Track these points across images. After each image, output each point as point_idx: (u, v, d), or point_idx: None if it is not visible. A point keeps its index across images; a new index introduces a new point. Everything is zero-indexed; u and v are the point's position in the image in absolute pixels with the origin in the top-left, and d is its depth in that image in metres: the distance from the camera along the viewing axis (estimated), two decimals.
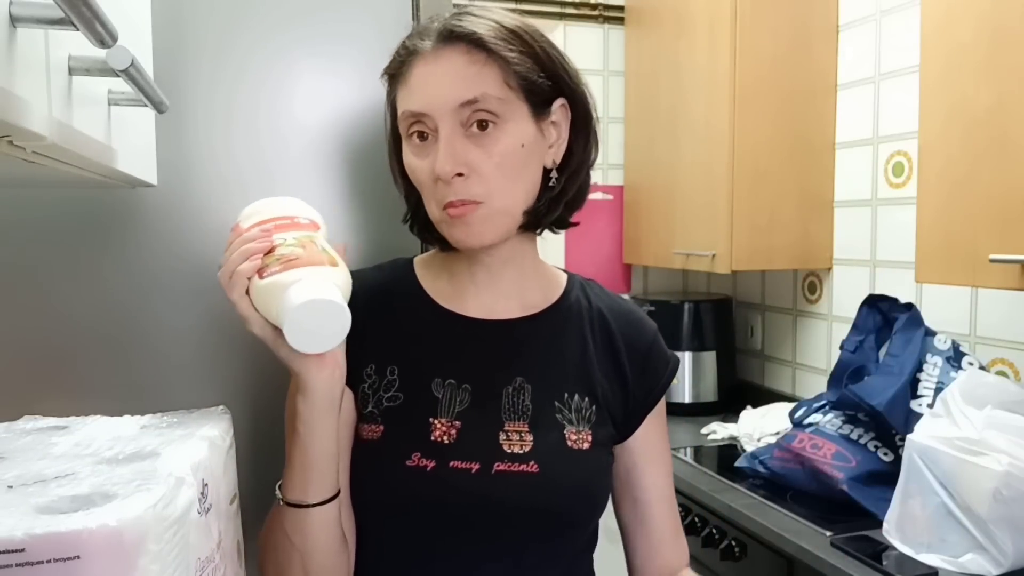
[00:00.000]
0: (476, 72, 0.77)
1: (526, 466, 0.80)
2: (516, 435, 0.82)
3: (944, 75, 1.42)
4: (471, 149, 0.77)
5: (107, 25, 0.39)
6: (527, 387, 0.84)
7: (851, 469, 1.61)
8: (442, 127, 0.77)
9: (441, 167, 0.76)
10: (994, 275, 1.32)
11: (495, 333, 0.86)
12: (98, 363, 0.92)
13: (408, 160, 0.82)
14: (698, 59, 2.22)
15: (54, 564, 0.45)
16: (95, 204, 0.91)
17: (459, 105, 0.77)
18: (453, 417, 0.81)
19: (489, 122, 0.77)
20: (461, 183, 0.77)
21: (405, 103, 0.80)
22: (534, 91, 0.80)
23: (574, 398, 0.86)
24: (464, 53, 0.77)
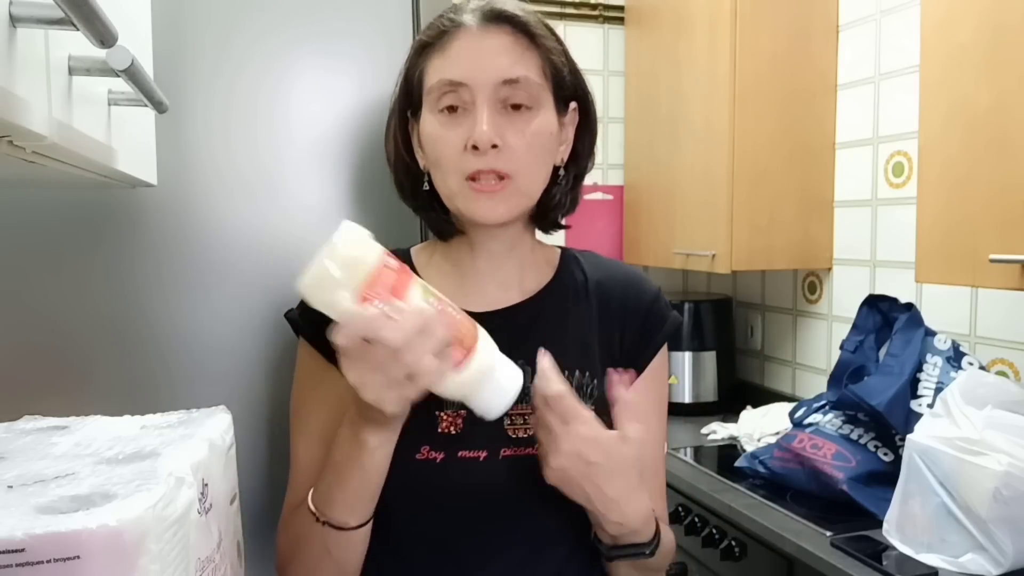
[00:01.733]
0: (520, 53, 0.79)
1: (531, 449, 0.80)
2: (520, 419, 0.82)
3: (944, 75, 1.42)
4: (508, 124, 0.79)
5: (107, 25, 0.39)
6: (528, 369, 0.82)
7: (851, 469, 1.61)
8: (481, 99, 0.78)
9: (482, 134, 0.77)
10: (994, 275, 1.32)
11: (496, 323, 0.84)
12: (98, 363, 0.92)
13: (432, 130, 0.81)
14: (698, 59, 2.22)
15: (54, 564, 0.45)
16: (95, 204, 0.91)
17: (503, 81, 0.78)
18: (458, 407, 0.81)
19: (523, 105, 0.79)
20: (495, 155, 0.78)
21: (443, 72, 0.80)
22: (561, 86, 0.83)
23: (575, 375, 0.85)
24: (510, 34, 0.80)
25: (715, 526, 1.75)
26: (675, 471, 1.91)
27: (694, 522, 1.81)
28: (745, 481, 1.79)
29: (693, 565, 1.85)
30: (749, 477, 1.81)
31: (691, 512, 1.83)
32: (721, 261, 2.14)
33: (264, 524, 0.98)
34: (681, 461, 1.99)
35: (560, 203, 0.88)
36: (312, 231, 1.00)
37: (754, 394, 2.46)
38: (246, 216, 0.97)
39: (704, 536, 1.77)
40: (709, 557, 1.76)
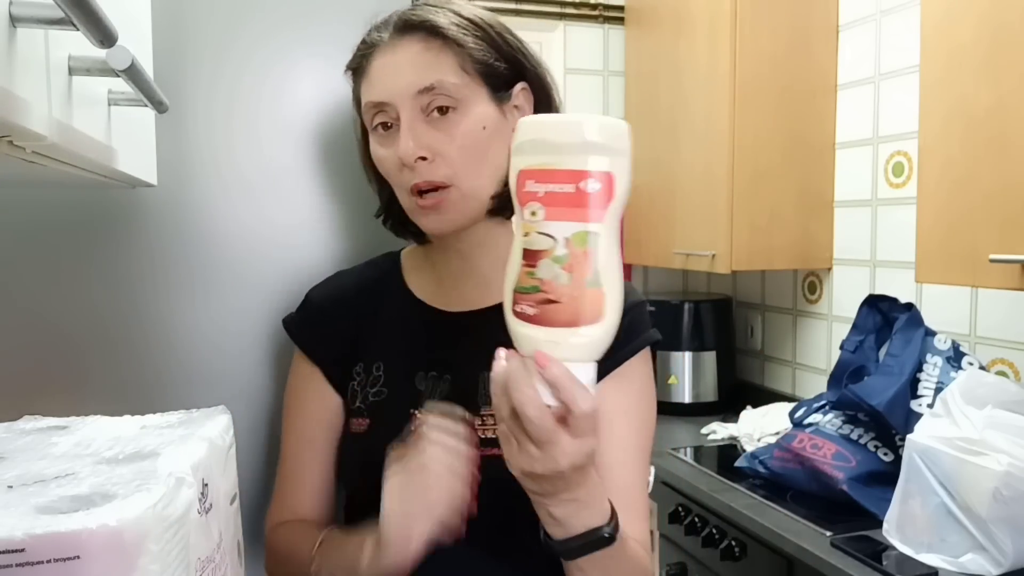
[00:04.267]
0: (432, 59, 0.79)
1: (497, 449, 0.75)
2: (491, 419, 0.82)
3: (944, 75, 1.42)
4: (432, 133, 0.79)
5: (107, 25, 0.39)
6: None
7: (851, 469, 1.61)
8: (403, 114, 0.79)
9: (404, 151, 0.78)
10: (994, 275, 1.32)
11: (473, 324, 0.86)
12: (98, 363, 0.92)
13: (374, 151, 0.83)
14: (698, 59, 2.22)
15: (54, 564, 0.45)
16: (95, 204, 0.91)
17: (417, 92, 0.79)
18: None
19: (448, 107, 0.79)
20: (426, 167, 0.79)
21: (367, 95, 0.82)
22: (492, 74, 0.82)
23: None
24: (420, 41, 0.80)
25: (715, 526, 1.75)
26: (675, 471, 1.91)
27: (694, 522, 1.81)
28: (745, 481, 1.79)
29: (693, 565, 1.85)
30: (749, 477, 1.81)
31: (691, 512, 1.83)
32: (721, 261, 2.14)
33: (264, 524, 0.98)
34: (681, 461, 1.99)
35: None
36: (312, 231, 1.00)
37: (754, 394, 2.46)
38: (246, 216, 0.97)
39: (704, 536, 1.77)
40: (709, 557, 1.76)
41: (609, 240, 0.62)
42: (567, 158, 0.60)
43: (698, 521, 1.81)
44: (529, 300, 0.62)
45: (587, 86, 2.69)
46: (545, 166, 0.61)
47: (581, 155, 0.61)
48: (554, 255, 0.61)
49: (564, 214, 0.61)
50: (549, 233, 0.61)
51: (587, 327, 0.62)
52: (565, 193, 0.60)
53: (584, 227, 0.61)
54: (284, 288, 0.99)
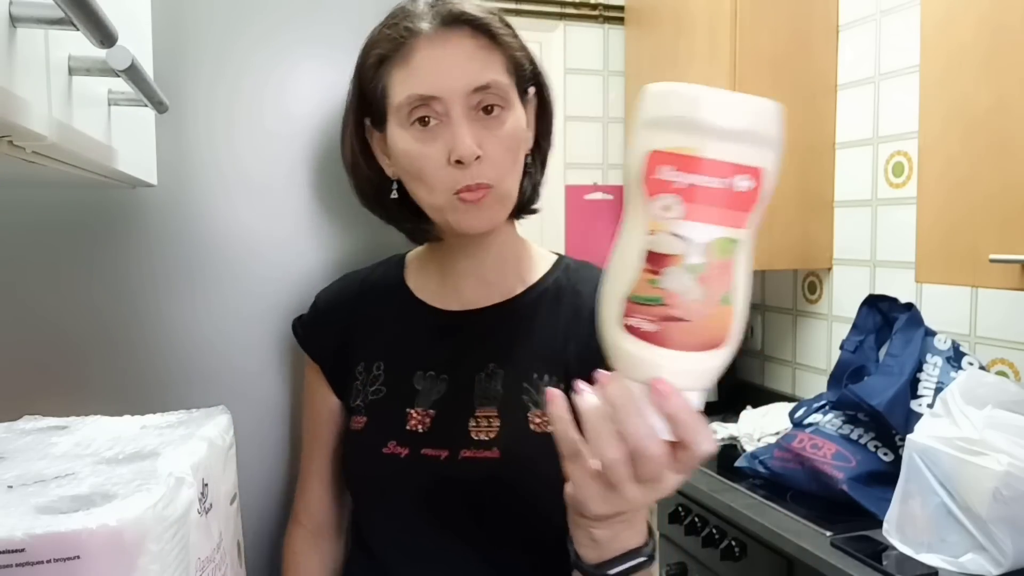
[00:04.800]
0: (485, 57, 0.77)
1: (488, 452, 0.79)
2: (485, 421, 0.81)
3: (944, 75, 1.42)
4: (482, 132, 0.76)
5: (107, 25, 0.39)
6: (499, 372, 0.83)
7: (851, 469, 1.61)
8: (454, 111, 0.75)
9: (467, 149, 0.74)
10: (994, 275, 1.32)
11: (471, 324, 0.86)
12: (98, 363, 0.92)
13: (407, 146, 0.77)
14: (698, 59, 2.22)
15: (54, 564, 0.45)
16: (95, 204, 0.91)
17: (473, 90, 0.75)
18: (428, 406, 0.83)
19: (496, 106, 0.77)
20: (477, 166, 0.76)
21: (410, 86, 0.76)
22: (521, 76, 0.81)
23: (543, 378, 0.82)
24: (470, 37, 0.76)
25: (715, 526, 1.75)
26: None
27: (694, 522, 1.81)
28: (745, 481, 1.79)
29: (693, 565, 1.85)
30: (749, 477, 1.81)
31: (691, 512, 1.83)
32: None
33: (264, 524, 0.98)
34: None
35: (533, 193, 0.86)
36: (312, 231, 1.00)
37: (754, 394, 2.46)
38: (246, 216, 0.97)
39: (704, 536, 1.77)
40: (709, 557, 1.76)
41: (749, 250, 0.54)
42: (721, 145, 0.49)
43: (698, 521, 1.81)
44: (647, 313, 0.52)
45: (587, 86, 2.69)
46: (692, 152, 0.49)
47: (739, 144, 0.50)
48: (687, 263, 0.51)
49: (707, 214, 0.50)
50: (684, 235, 0.51)
51: (713, 352, 0.53)
52: (712, 189, 0.50)
53: (729, 233, 0.51)
54: (284, 288, 0.99)
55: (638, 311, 0.52)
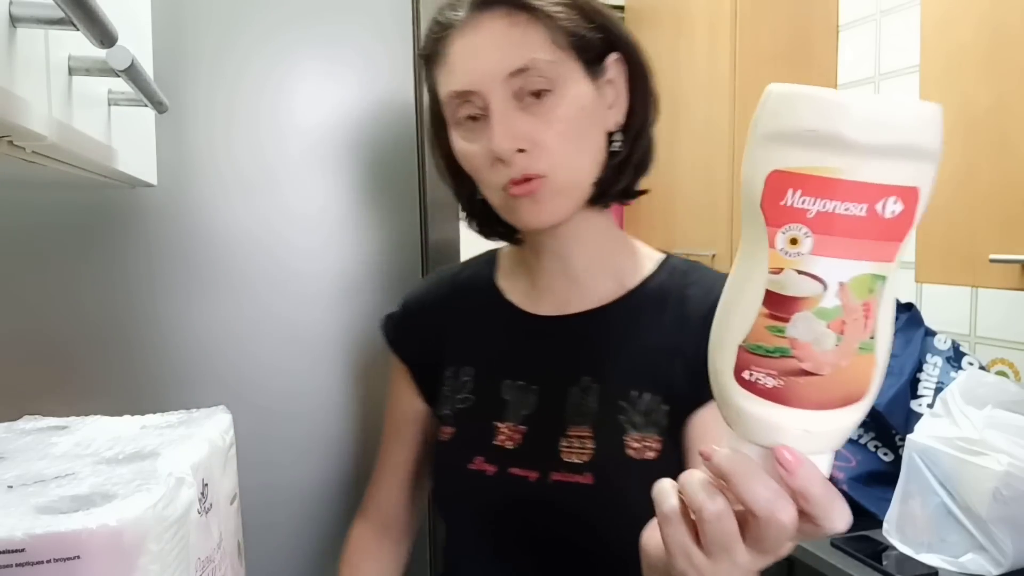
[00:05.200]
0: (520, 35, 0.69)
1: (580, 477, 0.73)
2: (577, 441, 0.74)
3: (944, 75, 1.42)
4: (528, 120, 0.70)
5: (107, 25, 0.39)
6: (594, 387, 0.76)
7: (851, 469, 1.61)
8: (493, 102, 0.69)
9: (499, 144, 0.69)
10: (994, 275, 1.32)
11: (563, 330, 0.79)
12: (98, 363, 0.92)
13: (459, 147, 0.74)
14: (698, 59, 2.22)
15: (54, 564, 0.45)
16: (95, 204, 0.91)
17: (508, 75, 0.69)
18: (519, 421, 0.77)
19: (544, 89, 0.70)
20: (523, 159, 0.70)
21: (447, 83, 0.72)
22: (585, 47, 0.72)
23: (642, 396, 0.74)
24: (504, 16, 0.69)
25: None
26: None
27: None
28: None
29: None
30: None
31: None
32: (721, 261, 2.14)
33: (264, 524, 0.98)
34: None
35: (620, 172, 0.76)
36: (311, 231, 1.00)
37: None
38: (246, 216, 0.97)
39: None
40: None
41: (893, 286, 0.45)
42: (869, 164, 0.40)
43: None
44: (769, 367, 0.43)
45: None
46: (830, 173, 0.40)
47: (891, 160, 0.40)
48: (820, 307, 0.42)
49: (847, 248, 0.41)
50: (818, 274, 0.41)
51: (848, 409, 0.43)
52: (852, 217, 0.40)
53: (873, 268, 0.43)
54: (284, 288, 0.99)
55: (757, 363, 0.43)
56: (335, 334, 1.01)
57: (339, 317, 1.01)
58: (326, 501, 1.02)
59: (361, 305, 1.02)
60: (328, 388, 1.01)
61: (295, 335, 1.00)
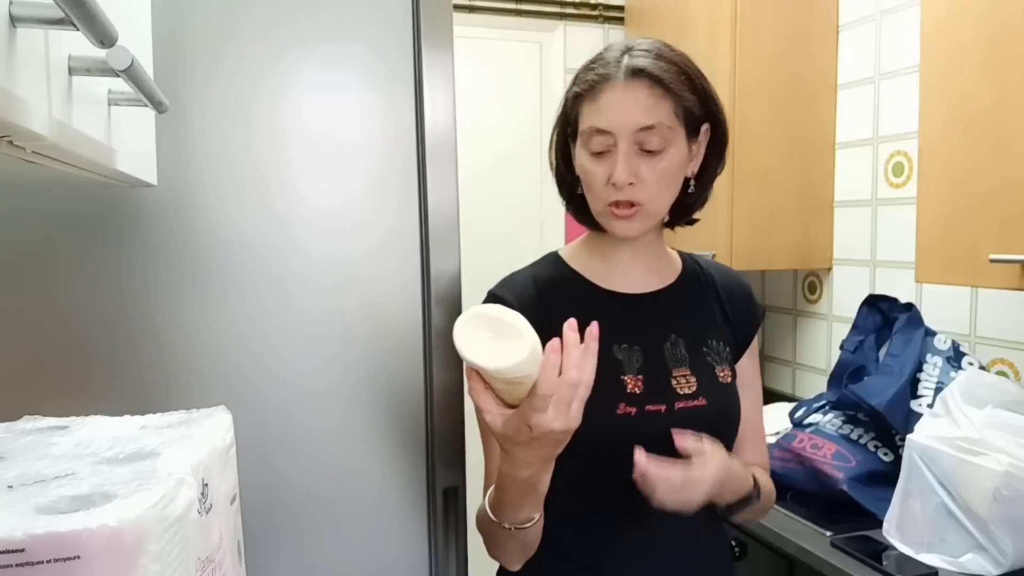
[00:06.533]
0: (655, 103, 0.96)
1: (696, 402, 1.02)
2: (683, 379, 1.03)
3: (944, 75, 1.42)
4: (641, 164, 0.96)
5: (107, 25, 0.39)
6: (680, 341, 1.05)
7: (851, 469, 1.61)
8: (621, 144, 0.95)
9: (619, 176, 0.95)
10: (994, 275, 1.32)
11: (647, 303, 1.07)
12: (98, 363, 0.92)
13: (583, 163, 1.00)
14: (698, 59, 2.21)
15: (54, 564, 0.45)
16: (95, 204, 0.91)
17: (639, 129, 0.95)
18: (636, 373, 1.01)
19: (657, 148, 0.96)
20: (631, 189, 0.96)
21: (593, 119, 0.97)
22: (693, 120, 1.00)
23: (713, 343, 1.08)
24: (648, 87, 0.96)
25: None
26: None
27: None
28: None
29: None
30: None
31: None
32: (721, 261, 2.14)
33: (264, 524, 0.98)
34: None
35: (690, 207, 1.09)
36: (312, 231, 1.00)
37: None
38: (246, 216, 0.97)
39: None
40: None
41: None
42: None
43: None
44: None
45: None
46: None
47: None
48: None
49: None
50: None
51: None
52: None
53: None
54: (284, 288, 0.99)
55: None
56: (335, 334, 1.01)
57: (339, 317, 1.01)
58: (326, 501, 1.02)
59: (361, 305, 1.02)
60: (328, 388, 1.02)
61: (295, 335, 1.00)
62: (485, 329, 0.77)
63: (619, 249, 1.08)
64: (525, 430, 0.79)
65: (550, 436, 0.80)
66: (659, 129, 0.96)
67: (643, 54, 0.98)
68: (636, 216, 0.99)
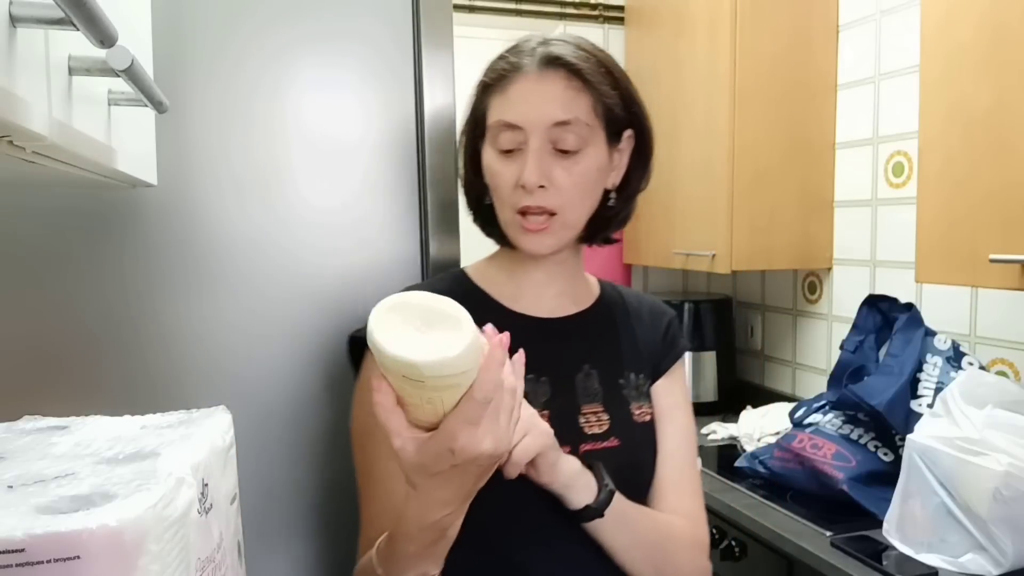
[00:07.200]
0: (572, 97, 0.85)
1: (607, 443, 0.90)
2: (594, 416, 0.91)
3: (944, 75, 1.42)
4: (555, 165, 0.85)
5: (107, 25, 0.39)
6: (594, 372, 0.93)
7: (851, 469, 1.61)
8: (533, 141, 0.84)
9: (529, 177, 0.84)
10: (994, 275, 1.32)
11: (559, 329, 0.94)
12: (98, 363, 0.92)
13: (490, 163, 0.88)
14: (698, 59, 2.22)
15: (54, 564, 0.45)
16: (95, 204, 0.91)
17: (553, 124, 0.84)
18: (542, 408, 0.88)
19: (573, 150, 0.85)
20: (541, 193, 0.85)
21: (501, 113, 0.86)
22: (613, 121, 0.89)
23: (631, 376, 0.96)
24: (564, 78, 0.85)
25: (715, 526, 1.75)
26: None
27: None
28: (745, 481, 1.79)
29: None
30: (749, 477, 1.81)
31: None
32: (721, 261, 2.14)
33: (264, 524, 0.98)
34: None
35: (608, 223, 0.95)
36: (312, 231, 1.00)
37: (754, 394, 2.46)
38: (246, 216, 0.97)
39: None
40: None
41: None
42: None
43: None
44: None
45: None
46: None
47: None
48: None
49: None
50: None
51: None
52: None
53: None
54: (284, 288, 0.99)
55: None
56: (335, 334, 1.01)
57: (339, 317, 1.01)
58: (326, 501, 1.02)
59: (361, 304, 1.02)
60: (328, 388, 1.01)
61: (295, 335, 1.00)
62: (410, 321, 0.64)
63: (530, 268, 0.95)
64: (446, 455, 0.65)
65: (476, 462, 0.66)
66: (576, 126, 0.85)
67: (561, 44, 0.87)
68: (548, 230, 0.87)
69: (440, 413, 0.65)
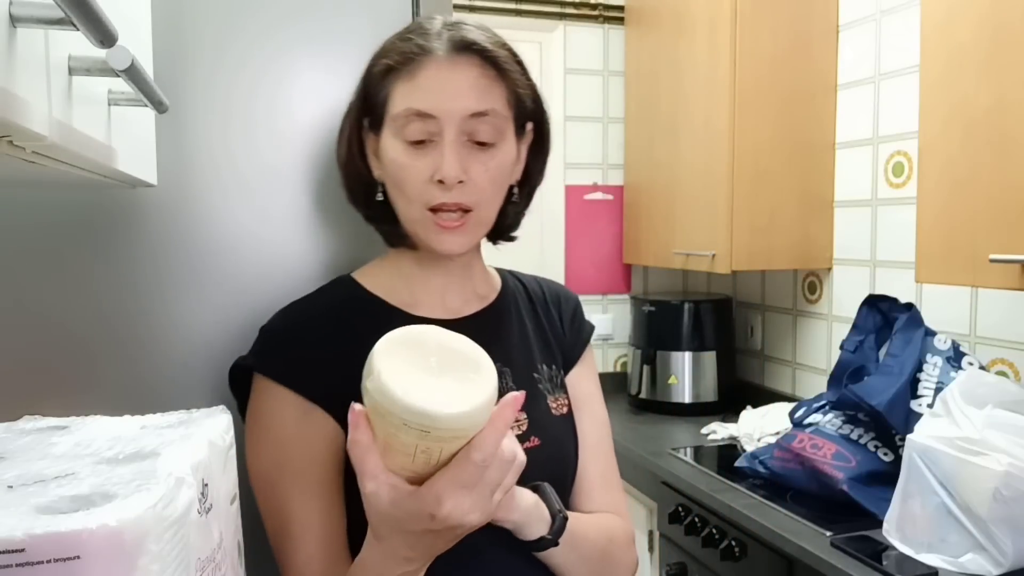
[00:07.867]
0: (487, 86, 0.80)
1: (527, 443, 0.84)
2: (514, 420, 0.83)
3: (944, 75, 1.42)
4: (472, 159, 0.80)
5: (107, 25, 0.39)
6: (506, 371, 0.87)
7: (851, 469, 1.61)
8: (448, 132, 0.78)
9: (449, 171, 0.78)
10: (994, 275, 1.32)
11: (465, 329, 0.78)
12: (98, 363, 0.92)
13: (396, 156, 0.80)
14: (698, 59, 2.22)
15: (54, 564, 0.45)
16: (95, 204, 0.91)
17: (470, 115, 0.78)
18: None
19: (488, 142, 0.80)
20: (459, 189, 0.79)
21: (410, 100, 0.79)
22: (522, 114, 0.85)
23: (544, 369, 0.92)
24: (478, 66, 0.80)
25: (715, 526, 1.75)
26: (675, 471, 1.91)
27: (694, 522, 1.81)
28: (745, 481, 1.79)
29: (693, 565, 1.85)
30: (749, 477, 1.81)
31: (691, 512, 1.83)
32: (721, 261, 2.14)
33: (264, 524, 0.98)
34: (681, 461, 1.99)
35: (516, 219, 0.91)
36: (312, 231, 1.00)
37: (754, 394, 2.46)
38: (246, 216, 0.97)
39: (704, 536, 1.77)
40: (709, 557, 1.76)
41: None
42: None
43: (698, 521, 1.81)
44: None
45: (587, 86, 2.69)
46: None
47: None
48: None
49: None
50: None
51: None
52: None
53: None
54: (284, 288, 0.99)
55: None
56: None
57: None
58: None
59: None
60: None
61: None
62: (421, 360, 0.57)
63: (428, 270, 0.88)
64: (425, 519, 0.59)
65: (454, 531, 0.61)
66: (493, 117, 0.79)
67: (471, 28, 0.81)
68: (463, 228, 0.81)
69: (434, 464, 0.58)
